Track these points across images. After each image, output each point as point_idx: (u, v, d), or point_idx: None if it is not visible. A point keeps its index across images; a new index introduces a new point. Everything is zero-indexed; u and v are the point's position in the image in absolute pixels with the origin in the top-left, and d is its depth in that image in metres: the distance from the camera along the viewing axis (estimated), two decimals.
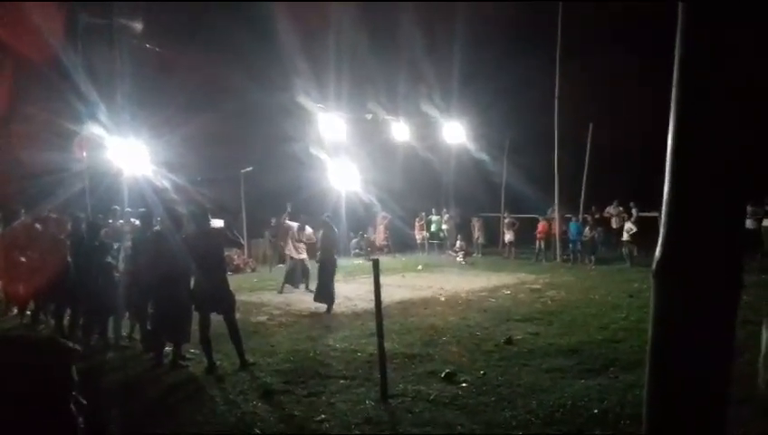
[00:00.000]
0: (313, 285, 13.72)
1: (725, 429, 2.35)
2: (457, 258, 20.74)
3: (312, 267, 13.25)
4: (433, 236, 24.48)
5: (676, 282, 2.27)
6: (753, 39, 2.15)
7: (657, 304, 2.35)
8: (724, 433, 2.35)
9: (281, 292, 13.97)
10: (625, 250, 18.03)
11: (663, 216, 2.32)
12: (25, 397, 1.39)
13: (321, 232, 12.52)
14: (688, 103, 2.23)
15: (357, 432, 5.52)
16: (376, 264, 6.69)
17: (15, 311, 11.56)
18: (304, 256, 14.15)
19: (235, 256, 18.91)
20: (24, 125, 17.57)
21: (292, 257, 14.09)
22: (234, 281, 9.97)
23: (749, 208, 12.48)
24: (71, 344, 1.57)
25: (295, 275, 14.06)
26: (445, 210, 24.60)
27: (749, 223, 13.48)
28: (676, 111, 2.26)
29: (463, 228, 23.29)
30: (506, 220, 21.89)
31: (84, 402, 1.50)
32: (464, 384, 6.79)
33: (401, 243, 24.42)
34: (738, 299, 2.30)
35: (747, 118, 2.19)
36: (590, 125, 20.09)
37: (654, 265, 2.35)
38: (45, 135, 16.60)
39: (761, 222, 15.54)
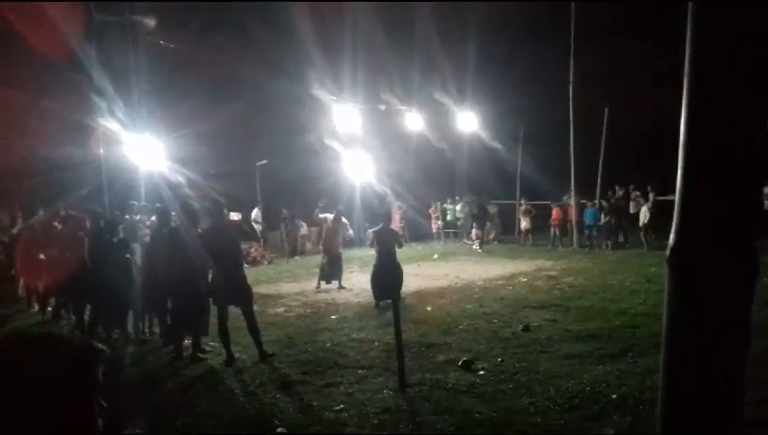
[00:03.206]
0: (344, 281, 13.49)
1: (742, 412, 2.35)
2: (473, 246, 20.70)
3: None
4: (448, 224, 24.40)
5: (690, 268, 2.26)
6: (763, 26, 2.14)
7: (672, 290, 2.34)
8: (740, 418, 2.35)
9: (318, 288, 13.43)
10: (642, 235, 17.91)
11: (676, 201, 2.31)
12: (50, 398, 1.41)
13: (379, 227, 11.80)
14: (700, 88, 2.22)
15: (376, 422, 5.55)
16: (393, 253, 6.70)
17: (36, 307, 11.72)
18: (340, 250, 13.68)
19: (252, 249, 19.01)
20: (42, 121, 17.73)
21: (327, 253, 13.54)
22: (251, 274, 10.04)
23: (765, 191, 12.34)
24: (99, 345, 1.59)
25: (329, 271, 13.46)
26: (457, 198, 24.50)
27: (767, 205, 13.32)
28: (688, 96, 2.25)
29: (478, 217, 23.23)
30: (522, 208, 21.78)
31: (105, 405, 1.51)
32: (481, 372, 6.80)
33: (416, 232, 24.38)
34: (754, 284, 2.29)
35: (760, 101, 2.17)
36: (606, 110, 19.92)
37: (668, 252, 2.34)
38: (62, 131, 16.75)
39: None
